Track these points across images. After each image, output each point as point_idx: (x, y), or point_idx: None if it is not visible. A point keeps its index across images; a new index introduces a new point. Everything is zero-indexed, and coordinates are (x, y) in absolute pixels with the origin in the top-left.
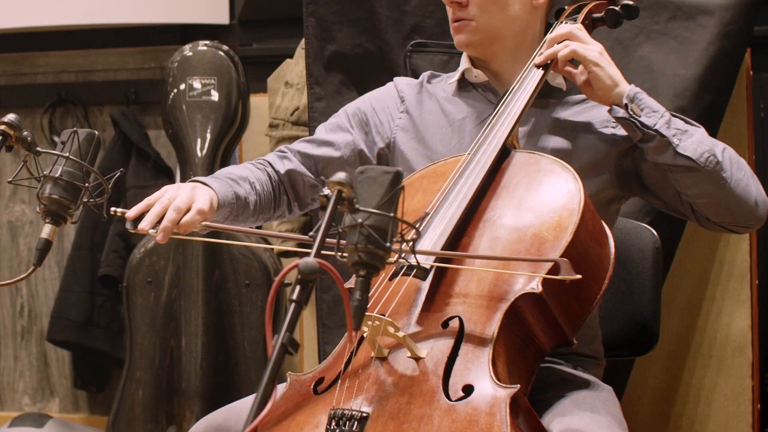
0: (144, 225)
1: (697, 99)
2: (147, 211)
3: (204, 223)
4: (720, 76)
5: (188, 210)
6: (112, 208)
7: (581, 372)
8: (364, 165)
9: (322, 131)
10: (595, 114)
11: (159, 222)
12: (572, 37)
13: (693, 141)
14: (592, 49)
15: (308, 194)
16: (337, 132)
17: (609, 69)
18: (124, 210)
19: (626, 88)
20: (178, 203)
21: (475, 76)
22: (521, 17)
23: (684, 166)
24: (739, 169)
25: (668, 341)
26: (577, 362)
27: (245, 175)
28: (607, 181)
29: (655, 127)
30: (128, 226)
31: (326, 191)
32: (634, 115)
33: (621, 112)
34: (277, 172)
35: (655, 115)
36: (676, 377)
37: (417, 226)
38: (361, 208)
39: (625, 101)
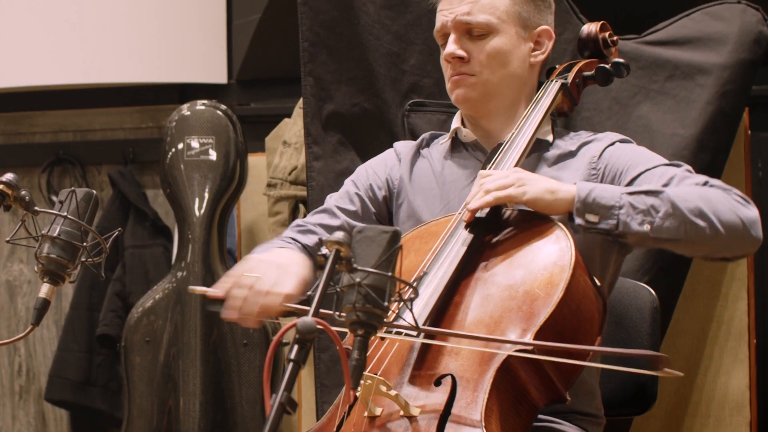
0: (226, 315)
1: (696, 158)
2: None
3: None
4: (718, 135)
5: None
6: (190, 287)
7: (580, 431)
8: None
9: (334, 202)
10: (576, 165)
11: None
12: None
13: (665, 218)
14: (509, 182)
15: None
16: (349, 201)
17: (536, 188)
18: (206, 290)
19: (568, 193)
20: (262, 287)
21: (464, 135)
22: (519, 75)
23: (667, 241)
24: (722, 207)
25: (666, 400)
26: (577, 421)
27: (294, 256)
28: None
29: (619, 230)
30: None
31: (324, 251)
32: (593, 226)
33: (578, 223)
34: (305, 247)
35: (613, 212)
36: None
37: (415, 285)
38: (359, 268)
39: (576, 218)
